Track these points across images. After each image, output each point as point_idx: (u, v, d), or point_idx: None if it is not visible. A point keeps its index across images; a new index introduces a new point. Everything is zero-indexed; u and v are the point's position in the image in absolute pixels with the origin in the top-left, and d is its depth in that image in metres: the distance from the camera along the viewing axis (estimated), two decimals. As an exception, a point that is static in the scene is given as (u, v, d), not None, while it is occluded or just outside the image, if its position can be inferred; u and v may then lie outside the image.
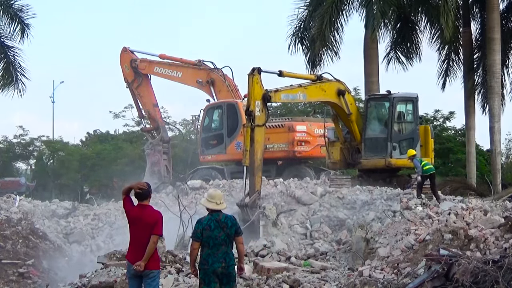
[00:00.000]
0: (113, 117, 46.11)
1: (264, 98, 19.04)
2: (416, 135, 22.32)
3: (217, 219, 9.14)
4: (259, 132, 18.80)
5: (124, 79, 27.50)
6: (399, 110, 22.55)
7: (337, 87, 21.62)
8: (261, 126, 18.87)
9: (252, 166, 18.47)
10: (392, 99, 22.50)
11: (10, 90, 28.13)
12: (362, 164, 22.58)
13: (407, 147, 21.87)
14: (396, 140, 22.14)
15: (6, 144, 47.05)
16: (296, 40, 30.94)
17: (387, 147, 21.98)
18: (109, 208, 22.25)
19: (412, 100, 22.66)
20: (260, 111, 18.96)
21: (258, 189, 18.49)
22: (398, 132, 22.34)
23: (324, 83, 21.50)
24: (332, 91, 21.60)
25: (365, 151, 22.27)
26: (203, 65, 26.46)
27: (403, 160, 21.90)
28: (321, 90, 21.36)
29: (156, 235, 9.08)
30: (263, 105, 19.04)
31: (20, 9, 28.04)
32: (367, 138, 22.31)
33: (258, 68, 19.11)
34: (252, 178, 18.50)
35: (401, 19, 31.55)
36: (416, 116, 22.69)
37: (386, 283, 11.01)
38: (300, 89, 20.68)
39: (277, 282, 12.60)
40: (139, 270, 9.04)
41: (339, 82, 21.78)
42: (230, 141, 25.96)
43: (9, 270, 15.51)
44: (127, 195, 9.32)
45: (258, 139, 18.74)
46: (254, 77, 19.02)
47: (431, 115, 42.20)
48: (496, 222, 14.70)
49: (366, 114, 22.50)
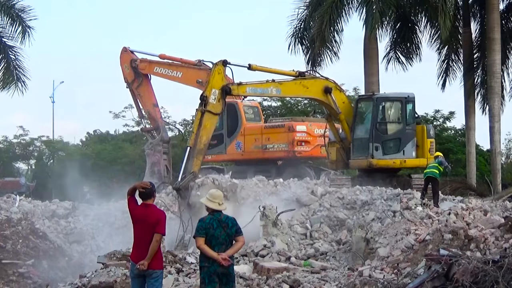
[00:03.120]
0: (113, 117, 46.16)
1: (223, 90, 19.33)
2: (406, 136, 21.98)
3: (218, 219, 9.15)
4: (209, 119, 19.07)
5: (124, 79, 27.44)
6: (383, 110, 22.36)
7: (324, 85, 21.56)
8: (213, 114, 19.07)
9: (193, 148, 18.64)
10: (375, 99, 22.41)
11: (11, 90, 28.21)
12: (351, 165, 22.57)
13: (394, 147, 21.76)
14: (378, 141, 21.86)
15: (6, 144, 47.08)
16: (296, 40, 30.98)
17: (368, 147, 21.88)
18: (109, 208, 22.21)
19: (400, 100, 22.39)
20: (216, 100, 19.28)
21: (194, 171, 18.59)
22: (382, 133, 22.15)
23: (307, 80, 21.45)
24: (317, 88, 21.50)
25: (353, 151, 22.26)
26: (203, 65, 26.36)
27: (386, 161, 21.76)
28: (301, 86, 21.26)
29: (159, 233, 9.07)
30: (220, 96, 19.36)
31: (22, 10, 28.06)
32: (355, 139, 22.27)
33: (224, 60, 19.63)
34: (191, 159, 18.60)
35: (401, 19, 31.58)
36: (405, 116, 22.16)
37: (386, 283, 11.02)
38: (272, 84, 20.75)
39: (277, 282, 12.60)
40: (142, 269, 9.03)
41: (327, 80, 21.76)
42: (230, 141, 25.97)
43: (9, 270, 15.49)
44: (131, 196, 9.34)
45: (206, 125, 18.97)
46: (217, 67, 19.66)
47: (431, 115, 42.27)
48: (496, 222, 14.70)
49: (355, 114, 22.43)
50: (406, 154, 21.81)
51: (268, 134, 25.97)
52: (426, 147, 22.09)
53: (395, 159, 21.77)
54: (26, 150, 47.53)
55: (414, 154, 21.94)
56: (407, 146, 21.88)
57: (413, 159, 21.97)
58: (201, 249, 9.10)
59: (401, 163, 21.91)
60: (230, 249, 9.09)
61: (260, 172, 24.65)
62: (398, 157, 21.79)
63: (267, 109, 42.53)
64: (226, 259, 8.95)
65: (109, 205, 22.57)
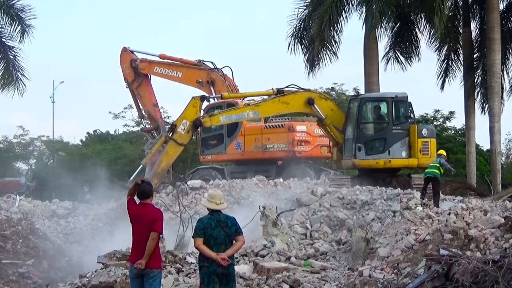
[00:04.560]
0: (113, 118, 46.18)
1: (194, 123, 19.90)
2: (393, 136, 21.92)
3: (217, 218, 9.15)
4: (173, 147, 19.64)
5: (124, 79, 27.48)
6: (366, 110, 22.34)
7: (306, 97, 21.79)
8: (178, 144, 19.42)
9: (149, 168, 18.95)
10: (359, 100, 22.42)
11: (10, 90, 28.19)
12: (342, 165, 22.65)
13: (379, 147, 21.71)
14: (361, 141, 21.79)
15: (6, 144, 47.09)
16: (296, 40, 30.97)
17: (352, 148, 21.92)
18: (109, 208, 22.21)
19: (386, 100, 22.38)
20: (185, 132, 19.84)
21: None
22: (364, 133, 22.14)
23: (286, 96, 21.68)
24: (298, 102, 21.81)
25: (344, 152, 22.34)
26: (203, 65, 26.46)
27: (368, 161, 21.75)
28: (281, 103, 21.58)
29: (156, 232, 9.03)
30: (190, 128, 19.92)
31: (21, 9, 28.05)
32: (345, 139, 22.34)
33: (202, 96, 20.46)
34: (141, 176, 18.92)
35: (401, 18, 31.57)
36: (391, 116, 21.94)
37: (386, 283, 11.02)
38: (248, 107, 21.24)
39: (277, 282, 12.60)
40: (140, 268, 9.00)
41: (309, 92, 21.91)
42: (230, 141, 25.97)
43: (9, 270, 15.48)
44: (131, 197, 9.33)
45: (169, 152, 19.56)
46: (194, 100, 20.25)
47: (431, 115, 42.27)
48: (496, 222, 14.69)
49: (347, 115, 22.50)
50: (393, 154, 21.70)
51: (268, 134, 25.96)
52: (416, 147, 21.91)
53: (378, 160, 21.69)
54: (26, 150, 47.54)
55: (404, 154, 21.84)
56: (394, 146, 21.78)
57: (401, 159, 21.81)
58: (199, 249, 9.10)
59: (385, 163, 21.71)
60: (230, 249, 9.09)
61: (260, 172, 24.66)
62: (382, 157, 21.70)
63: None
64: (224, 259, 8.94)
65: (109, 205, 22.58)
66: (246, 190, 21.48)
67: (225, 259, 8.94)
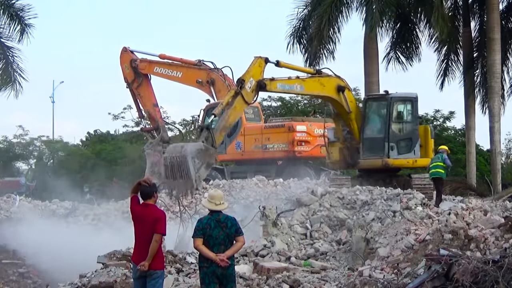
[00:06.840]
0: (113, 119, 46.20)
1: (259, 83, 18.89)
2: (415, 135, 22.26)
3: (217, 219, 9.13)
4: (240, 103, 18.52)
5: (124, 79, 27.42)
6: (397, 110, 22.43)
7: (337, 83, 21.45)
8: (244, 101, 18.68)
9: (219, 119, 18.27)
10: (390, 99, 22.42)
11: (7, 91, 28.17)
12: (361, 164, 22.55)
13: (406, 147, 21.85)
14: (393, 140, 22.01)
15: (6, 144, 47.09)
16: (295, 39, 30.98)
17: (384, 147, 21.94)
18: (109, 208, 22.23)
19: (411, 100, 22.56)
20: (251, 90, 18.76)
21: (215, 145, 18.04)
22: (396, 132, 22.28)
23: (323, 78, 21.29)
24: (331, 86, 21.32)
25: (364, 151, 22.25)
26: (203, 65, 26.38)
27: (401, 160, 21.90)
28: (319, 84, 21.09)
29: (159, 233, 9.00)
30: (255, 87, 18.85)
31: (21, 9, 28.02)
32: (366, 138, 22.24)
33: (266, 58, 19.07)
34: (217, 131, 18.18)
35: (401, 19, 31.58)
36: (415, 116, 22.59)
37: (386, 283, 11.01)
38: (297, 80, 20.47)
39: (277, 282, 12.59)
40: (143, 270, 8.99)
41: (339, 78, 21.66)
42: (230, 141, 25.94)
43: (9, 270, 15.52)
44: (135, 194, 9.31)
45: (236, 106, 18.37)
46: (260, 59, 18.96)
47: (431, 115, 42.27)
48: (496, 222, 14.69)
49: (365, 114, 22.41)
50: (416, 153, 22.01)
51: (268, 134, 25.97)
52: (430, 147, 22.28)
53: (408, 159, 21.96)
54: (26, 150, 47.54)
55: (419, 154, 22.10)
56: (416, 146, 22.06)
57: (422, 159, 22.12)
58: (198, 249, 9.09)
59: (413, 163, 22.12)
60: (229, 249, 9.06)
61: (260, 172, 24.67)
62: (410, 157, 21.98)
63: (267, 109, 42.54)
64: (223, 260, 8.93)
65: (109, 205, 22.60)
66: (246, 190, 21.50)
67: (224, 260, 8.92)
